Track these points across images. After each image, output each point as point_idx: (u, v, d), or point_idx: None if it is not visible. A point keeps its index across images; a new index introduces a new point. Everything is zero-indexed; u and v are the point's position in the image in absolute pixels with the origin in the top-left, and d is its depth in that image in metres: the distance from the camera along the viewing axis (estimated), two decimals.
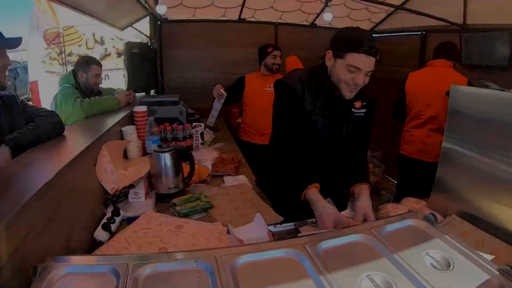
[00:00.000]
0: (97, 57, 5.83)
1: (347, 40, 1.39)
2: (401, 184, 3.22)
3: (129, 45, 3.31)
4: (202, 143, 2.59)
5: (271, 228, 1.43)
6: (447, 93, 1.49)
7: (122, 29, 3.76)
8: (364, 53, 1.33)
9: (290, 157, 1.55)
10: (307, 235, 1.24)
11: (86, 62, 2.57)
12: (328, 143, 1.62)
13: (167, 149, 1.79)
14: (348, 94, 1.46)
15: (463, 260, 1.03)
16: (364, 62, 1.35)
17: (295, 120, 1.55)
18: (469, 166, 1.38)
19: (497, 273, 0.95)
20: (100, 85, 2.70)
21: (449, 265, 1.01)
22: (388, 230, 1.18)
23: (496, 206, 1.27)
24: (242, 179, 2.10)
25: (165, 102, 2.57)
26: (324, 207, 1.38)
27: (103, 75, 2.70)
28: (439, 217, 1.41)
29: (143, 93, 3.46)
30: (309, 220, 1.50)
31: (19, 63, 9.14)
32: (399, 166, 3.10)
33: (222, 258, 0.97)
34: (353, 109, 1.60)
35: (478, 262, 1.00)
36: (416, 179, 2.52)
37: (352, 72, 1.38)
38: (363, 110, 1.62)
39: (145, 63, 3.48)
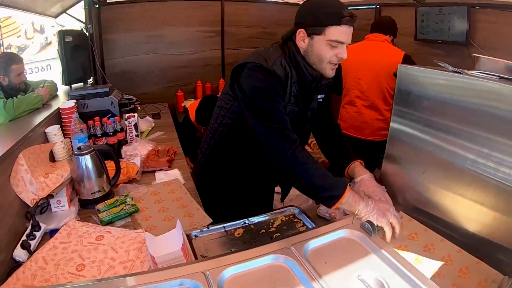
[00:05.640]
0: (37, 47, 5.34)
1: (325, 13, 1.20)
2: None
3: (62, 33, 2.96)
4: (137, 135, 2.35)
5: (197, 232, 1.32)
6: (394, 74, 1.32)
7: (55, 16, 3.42)
8: (346, 24, 1.19)
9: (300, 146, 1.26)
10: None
11: (5, 63, 2.26)
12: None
13: (86, 151, 1.58)
14: (331, 73, 1.32)
15: (401, 284, 0.86)
16: (347, 34, 1.22)
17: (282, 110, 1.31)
18: (418, 152, 1.22)
19: None
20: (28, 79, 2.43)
21: None
22: (314, 246, 1.00)
23: (449, 196, 1.12)
24: (174, 173, 1.92)
25: (95, 93, 2.28)
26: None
27: (45, 66, 2.39)
28: None
29: (81, 84, 3.13)
30: (240, 221, 1.37)
31: None
32: None
33: None
34: (318, 96, 1.48)
35: (417, 285, 0.84)
36: None
37: (335, 47, 1.23)
38: (322, 95, 1.51)
39: (80, 51, 3.12)
